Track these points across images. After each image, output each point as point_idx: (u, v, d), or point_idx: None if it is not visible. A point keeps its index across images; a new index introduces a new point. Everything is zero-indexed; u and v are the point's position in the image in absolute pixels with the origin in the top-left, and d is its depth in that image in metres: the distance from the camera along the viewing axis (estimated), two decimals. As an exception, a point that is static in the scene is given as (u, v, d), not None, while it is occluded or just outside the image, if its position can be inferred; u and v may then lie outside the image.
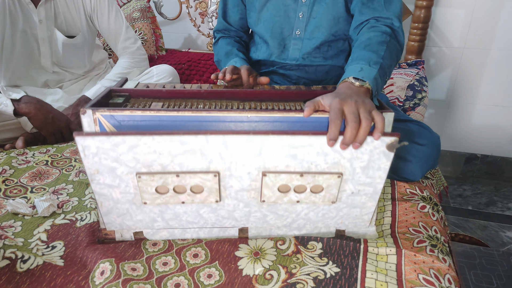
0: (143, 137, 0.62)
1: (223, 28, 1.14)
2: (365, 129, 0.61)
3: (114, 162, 0.65)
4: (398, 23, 0.88)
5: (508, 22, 1.61)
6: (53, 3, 1.32)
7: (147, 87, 0.86)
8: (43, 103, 1.20)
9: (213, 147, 0.64)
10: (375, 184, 0.70)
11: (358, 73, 0.72)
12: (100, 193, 0.69)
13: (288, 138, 0.63)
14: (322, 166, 0.67)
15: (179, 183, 0.68)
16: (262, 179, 0.68)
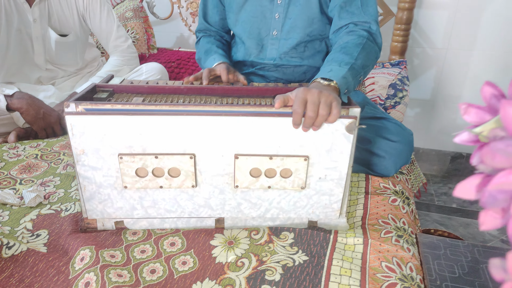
0: (126, 116, 0.68)
1: (204, 29, 1.17)
2: (322, 117, 0.66)
3: (99, 143, 0.70)
4: (375, 27, 0.92)
5: (489, 24, 1.65)
6: (47, 2, 1.35)
7: (131, 83, 0.89)
8: (34, 99, 1.24)
9: (190, 128, 0.69)
10: (340, 169, 0.74)
11: (327, 74, 0.77)
12: (84, 175, 0.73)
13: (257, 119, 0.69)
14: (288, 148, 0.72)
15: (158, 165, 0.72)
16: (235, 162, 0.72)
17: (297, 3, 1.01)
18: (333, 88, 0.75)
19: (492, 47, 1.69)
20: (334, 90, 0.75)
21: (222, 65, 0.97)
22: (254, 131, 0.70)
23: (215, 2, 1.13)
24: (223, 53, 1.07)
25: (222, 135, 0.71)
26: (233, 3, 1.09)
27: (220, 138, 0.71)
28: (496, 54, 1.70)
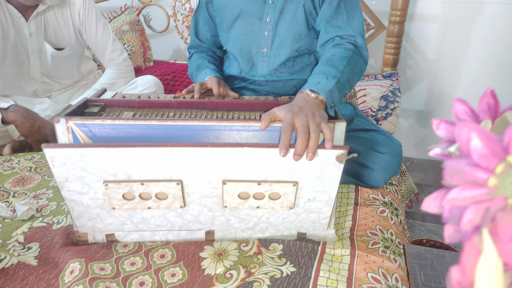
0: (108, 149, 0.67)
1: (196, 45, 1.19)
2: (314, 140, 0.66)
3: (82, 171, 0.69)
4: (361, 40, 0.94)
5: (480, 36, 1.68)
6: (43, 17, 1.38)
7: (124, 97, 0.91)
8: (29, 112, 1.25)
9: (175, 158, 0.69)
10: (329, 192, 0.75)
11: (314, 86, 0.78)
12: (70, 199, 0.73)
13: (244, 150, 0.68)
14: (278, 175, 0.72)
15: (144, 191, 0.73)
16: (223, 187, 0.73)
17: (284, 20, 1.03)
18: (319, 102, 0.76)
19: (482, 59, 1.71)
20: (321, 103, 0.76)
21: (213, 79, 0.99)
22: (242, 160, 0.70)
23: (206, 20, 1.15)
24: (215, 68, 1.09)
25: (209, 163, 0.70)
26: (223, 21, 1.11)
27: (207, 166, 0.70)
28: (487, 65, 1.72)
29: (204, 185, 0.73)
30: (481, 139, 0.25)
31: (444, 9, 1.67)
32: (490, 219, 0.23)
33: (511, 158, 0.24)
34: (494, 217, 0.23)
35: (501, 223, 0.22)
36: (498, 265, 0.20)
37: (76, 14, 1.41)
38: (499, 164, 0.24)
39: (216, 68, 1.09)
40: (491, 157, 0.25)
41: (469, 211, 0.24)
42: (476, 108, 0.39)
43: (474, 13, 1.65)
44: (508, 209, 0.23)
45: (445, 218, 0.26)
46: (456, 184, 0.26)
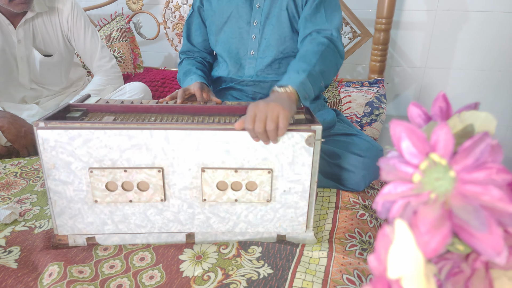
0: (96, 131, 0.70)
1: (187, 50, 1.21)
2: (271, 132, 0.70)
3: (69, 157, 0.72)
4: (336, 33, 0.97)
5: (465, 43, 1.71)
6: (31, 24, 1.39)
7: (107, 102, 0.92)
8: (16, 118, 1.26)
9: (157, 142, 0.72)
10: (303, 181, 0.77)
11: (284, 81, 0.81)
12: (55, 190, 0.75)
13: (221, 133, 0.72)
14: (253, 162, 0.75)
15: (127, 179, 0.75)
16: (202, 175, 0.75)
17: (270, 24, 1.06)
18: (288, 95, 0.78)
19: (468, 65, 1.74)
20: (290, 96, 0.78)
21: (197, 84, 1.01)
22: (220, 145, 0.74)
23: (198, 24, 1.18)
24: (201, 74, 1.11)
25: (188, 148, 0.73)
26: (213, 25, 1.14)
27: (186, 151, 0.74)
28: (472, 72, 1.75)
29: (184, 174, 0.76)
30: (410, 137, 0.27)
31: (429, 17, 1.70)
32: (412, 212, 0.24)
33: (434, 155, 0.25)
34: (416, 210, 0.24)
35: (421, 215, 0.23)
36: (412, 254, 0.21)
37: (65, 21, 1.43)
38: (424, 161, 0.25)
39: (202, 74, 1.11)
40: (418, 154, 0.26)
41: (395, 205, 0.25)
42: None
43: (459, 20, 1.68)
44: (429, 203, 0.24)
45: (378, 212, 0.28)
46: (390, 180, 0.28)
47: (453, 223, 0.23)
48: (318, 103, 1.16)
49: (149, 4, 2.04)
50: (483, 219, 0.22)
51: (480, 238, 0.22)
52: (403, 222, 0.22)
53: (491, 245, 0.21)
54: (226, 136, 0.73)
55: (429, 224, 0.23)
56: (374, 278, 0.22)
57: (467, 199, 0.23)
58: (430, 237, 0.22)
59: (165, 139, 0.72)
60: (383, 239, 0.22)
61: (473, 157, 0.24)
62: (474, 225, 0.22)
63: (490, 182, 0.24)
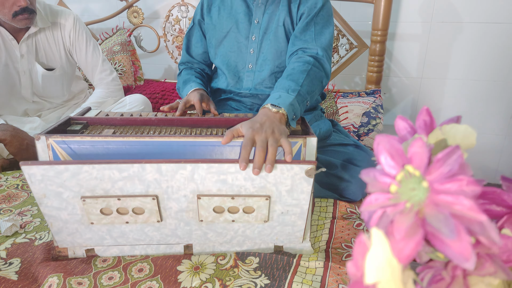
0: (84, 165, 0.69)
1: (186, 61, 1.24)
2: (272, 153, 0.70)
3: (59, 188, 0.72)
4: (322, 52, 0.99)
5: (460, 54, 1.73)
6: (34, 39, 1.43)
7: (107, 115, 0.94)
8: (18, 131, 1.28)
9: (149, 174, 0.71)
10: (301, 205, 0.77)
11: (275, 100, 0.83)
12: (49, 214, 0.75)
13: (216, 165, 0.71)
14: (250, 190, 0.74)
15: (121, 206, 0.75)
16: (198, 201, 0.75)
17: (267, 38, 1.09)
18: (280, 116, 0.80)
19: (463, 76, 1.77)
20: (282, 117, 0.80)
21: (196, 95, 1.02)
22: (214, 175, 0.72)
23: (199, 37, 1.21)
24: (201, 82, 1.13)
25: (183, 179, 0.72)
26: (213, 38, 1.16)
27: (181, 182, 0.73)
28: (468, 82, 1.77)
29: (180, 200, 0.75)
30: (388, 150, 0.28)
31: (424, 29, 1.73)
32: (389, 221, 0.25)
33: (409, 167, 0.27)
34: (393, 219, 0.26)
35: (396, 224, 0.25)
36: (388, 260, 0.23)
37: (67, 35, 1.46)
38: (400, 172, 0.27)
39: (202, 83, 1.13)
40: (395, 166, 0.28)
41: (375, 215, 0.27)
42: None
43: (453, 32, 1.71)
44: (405, 212, 0.26)
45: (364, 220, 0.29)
46: (373, 191, 0.29)
47: (426, 231, 0.24)
48: (314, 114, 1.17)
49: (149, 18, 2.08)
50: (452, 227, 0.23)
51: (450, 244, 0.23)
52: (379, 230, 0.23)
53: (460, 252, 0.23)
54: (222, 168, 0.71)
55: (404, 232, 0.24)
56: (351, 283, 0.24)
57: (439, 208, 0.25)
58: (404, 244, 0.24)
59: (157, 172, 0.71)
60: (360, 246, 0.23)
61: (445, 169, 0.25)
62: (444, 232, 0.23)
63: (461, 193, 0.25)
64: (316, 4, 1.03)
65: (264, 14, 1.09)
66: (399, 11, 1.73)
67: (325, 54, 0.98)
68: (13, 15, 1.28)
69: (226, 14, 1.13)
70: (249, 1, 1.10)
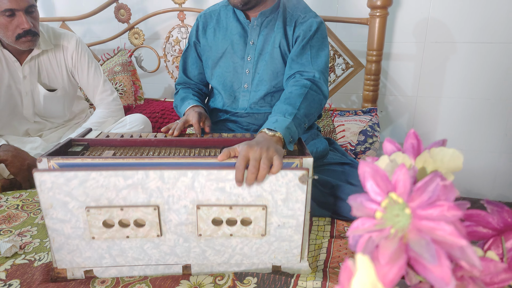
0: (92, 172, 0.73)
1: (183, 82, 1.27)
2: (262, 175, 0.72)
3: (66, 197, 0.74)
4: (319, 75, 1.01)
5: (453, 73, 1.77)
6: (37, 60, 1.46)
7: (107, 136, 0.96)
8: (20, 151, 1.30)
9: (152, 181, 0.74)
10: (297, 217, 0.79)
11: (272, 124, 0.85)
12: (53, 228, 0.77)
13: (215, 172, 0.74)
14: (247, 199, 0.77)
15: (124, 217, 0.77)
16: (197, 212, 0.77)
17: (263, 59, 1.12)
18: (277, 139, 0.82)
19: (458, 94, 1.80)
20: (279, 140, 0.82)
21: (195, 114, 1.04)
22: (215, 183, 0.75)
23: (195, 59, 1.24)
24: (198, 99, 1.15)
25: (183, 187, 0.75)
26: (209, 60, 1.19)
27: (182, 190, 0.76)
28: (462, 100, 1.80)
29: (180, 211, 0.77)
30: (373, 177, 0.30)
31: (418, 49, 1.77)
32: (374, 246, 0.27)
33: (393, 194, 0.28)
34: (378, 244, 0.27)
35: (381, 249, 0.26)
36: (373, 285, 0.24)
37: (69, 57, 1.49)
38: (385, 199, 0.28)
39: (199, 100, 1.15)
40: (381, 193, 0.29)
41: (361, 239, 0.28)
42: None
43: (447, 51, 1.75)
44: (390, 238, 0.27)
45: (349, 244, 0.31)
46: (359, 216, 0.31)
47: (409, 256, 0.26)
48: (311, 133, 1.19)
49: (150, 39, 2.12)
50: (433, 252, 0.24)
51: (431, 269, 0.24)
52: (364, 255, 0.25)
53: (441, 276, 0.24)
54: (220, 174, 0.75)
55: (388, 257, 0.26)
56: (339, 307, 0.25)
57: (421, 234, 0.26)
58: (388, 269, 0.25)
59: (160, 179, 0.74)
60: (345, 271, 0.24)
61: (425, 196, 0.27)
62: (426, 258, 0.24)
63: (442, 218, 0.27)
64: (311, 27, 1.06)
65: (259, 36, 1.12)
66: (393, 32, 1.78)
67: (322, 77, 1.01)
68: (16, 37, 1.31)
69: (221, 35, 1.16)
70: (244, 23, 1.14)
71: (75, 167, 0.74)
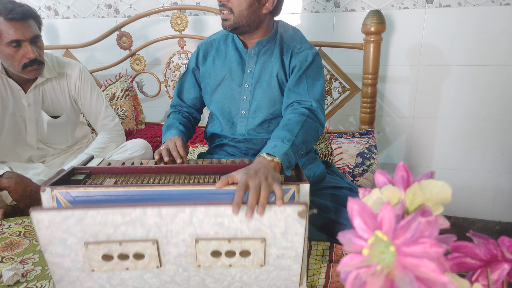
0: (89, 210, 0.73)
1: (176, 104, 1.30)
2: (264, 196, 0.73)
3: (64, 234, 0.75)
4: (315, 104, 1.05)
5: (448, 95, 1.81)
6: (41, 88, 1.49)
7: (109, 164, 0.98)
8: (23, 178, 1.32)
9: (150, 218, 0.75)
10: (296, 248, 0.79)
11: (271, 149, 0.87)
12: (53, 262, 0.77)
13: (213, 208, 0.74)
14: (246, 232, 0.77)
15: (122, 251, 0.77)
16: (196, 245, 0.78)
17: (261, 87, 1.15)
18: (275, 164, 0.84)
19: (453, 115, 1.83)
20: (277, 165, 0.84)
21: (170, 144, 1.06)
22: (213, 219, 0.76)
23: (192, 83, 1.27)
24: (182, 129, 1.18)
25: (181, 222, 0.75)
26: (207, 86, 1.23)
27: (180, 225, 0.76)
28: (458, 121, 1.83)
29: (179, 244, 0.78)
30: (361, 215, 0.32)
31: (413, 71, 1.82)
32: (362, 282, 0.29)
33: (379, 232, 0.30)
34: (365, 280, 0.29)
35: (368, 285, 0.28)
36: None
37: (73, 85, 1.53)
38: (371, 236, 0.30)
39: (184, 130, 1.18)
40: (368, 230, 0.31)
41: (350, 275, 0.30)
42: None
43: (441, 74, 1.79)
44: (376, 274, 0.29)
45: (341, 278, 0.32)
46: (349, 251, 0.33)
47: (394, 292, 0.28)
48: (309, 156, 1.21)
49: (151, 64, 2.18)
50: (415, 289, 0.26)
51: (414, 305, 0.26)
52: (351, 292, 0.27)
53: (423, 312, 0.26)
54: (219, 210, 0.75)
55: (374, 293, 0.27)
56: None
57: (406, 271, 0.28)
58: (374, 305, 0.27)
59: (158, 215, 0.74)
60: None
61: (408, 234, 0.29)
62: (409, 294, 0.26)
63: (425, 255, 0.28)
64: (307, 58, 1.10)
65: (257, 64, 1.16)
66: (387, 55, 1.82)
67: (318, 106, 1.04)
68: (22, 67, 1.35)
69: (220, 63, 1.20)
70: (242, 52, 1.18)
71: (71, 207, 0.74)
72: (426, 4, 1.71)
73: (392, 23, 1.78)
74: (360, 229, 0.31)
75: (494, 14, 1.65)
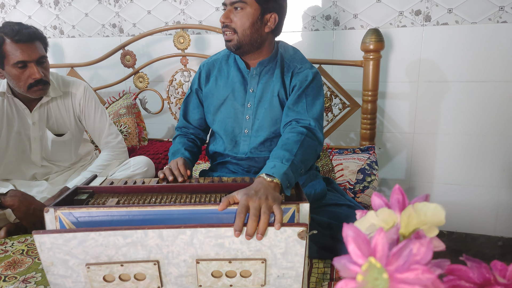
0: (91, 233, 0.74)
1: (183, 126, 1.32)
2: (264, 222, 0.74)
3: (66, 255, 0.76)
4: (314, 123, 1.07)
5: (448, 110, 1.82)
6: (46, 107, 1.52)
7: (112, 183, 1.00)
8: (26, 196, 1.33)
9: (151, 240, 0.75)
10: (296, 268, 0.80)
11: (270, 170, 0.88)
12: (55, 283, 0.78)
13: (214, 230, 0.75)
14: (247, 253, 0.78)
15: (124, 272, 0.78)
16: (197, 266, 0.78)
17: (263, 106, 1.17)
18: (275, 185, 0.85)
19: (453, 131, 1.84)
20: (276, 186, 0.85)
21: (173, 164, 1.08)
22: (214, 240, 0.77)
23: (196, 104, 1.30)
24: (188, 155, 1.19)
25: (182, 243, 0.77)
26: (211, 106, 1.25)
27: (181, 246, 0.77)
28: (458, 137, 1.84)
29: (180, 265, 0.79)
30: (355, 241, 0.33)
31: (412, 88, 1.84)
32: (356, 308, 0.29)
33: (372, 259, 0.31)
34: (359, 306, 0.30)
35: (362, 311, 0.29)
36: None
37: (77, 103, 1.56)
38: (365, 262, 0.31)
39: (189, 156, 1.19)
40: (362, 256, 0.32)
41: (345, 301, 0.31)
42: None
43: (440, 90, 1.81)
44: (370, 300, 0.30)
45: (337, 305, 0.33)
46: (344, 276, 0.34)
47: (387, 319, 0.28)
48: (310, 174, 1.22)
49: (154, 82, 2.21)
50: (407, 316, 0.27)
51: (406, 332, 0.27)
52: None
53: (414, 339, 0.26)
54: (219, 232, 0.76)
55: (368, 320, 0.28)
56: None
57: (398, 297, 0.29)
58: (368, 332, 0.28)
59: (159, 237, 0.76)
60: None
61: (401, 261, 0.30)
62: (401, 321, 0.27)
63: (417, 282, 0.29)
64: (307, 77, 1.12)
65: (258, 84, 1.18)
66: (387, 72, 1.85)
67: (317, 124, 1.06)
68: (28, 87, 1.38)
69: (223, 83, 1.22)
70: (244, 72, 1.20)
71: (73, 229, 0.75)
72: (424, 22, 1.75)
73: (391, 40, 1.81)
74: (354, 255, 0.32)
75: (491, 32, 1.67)
